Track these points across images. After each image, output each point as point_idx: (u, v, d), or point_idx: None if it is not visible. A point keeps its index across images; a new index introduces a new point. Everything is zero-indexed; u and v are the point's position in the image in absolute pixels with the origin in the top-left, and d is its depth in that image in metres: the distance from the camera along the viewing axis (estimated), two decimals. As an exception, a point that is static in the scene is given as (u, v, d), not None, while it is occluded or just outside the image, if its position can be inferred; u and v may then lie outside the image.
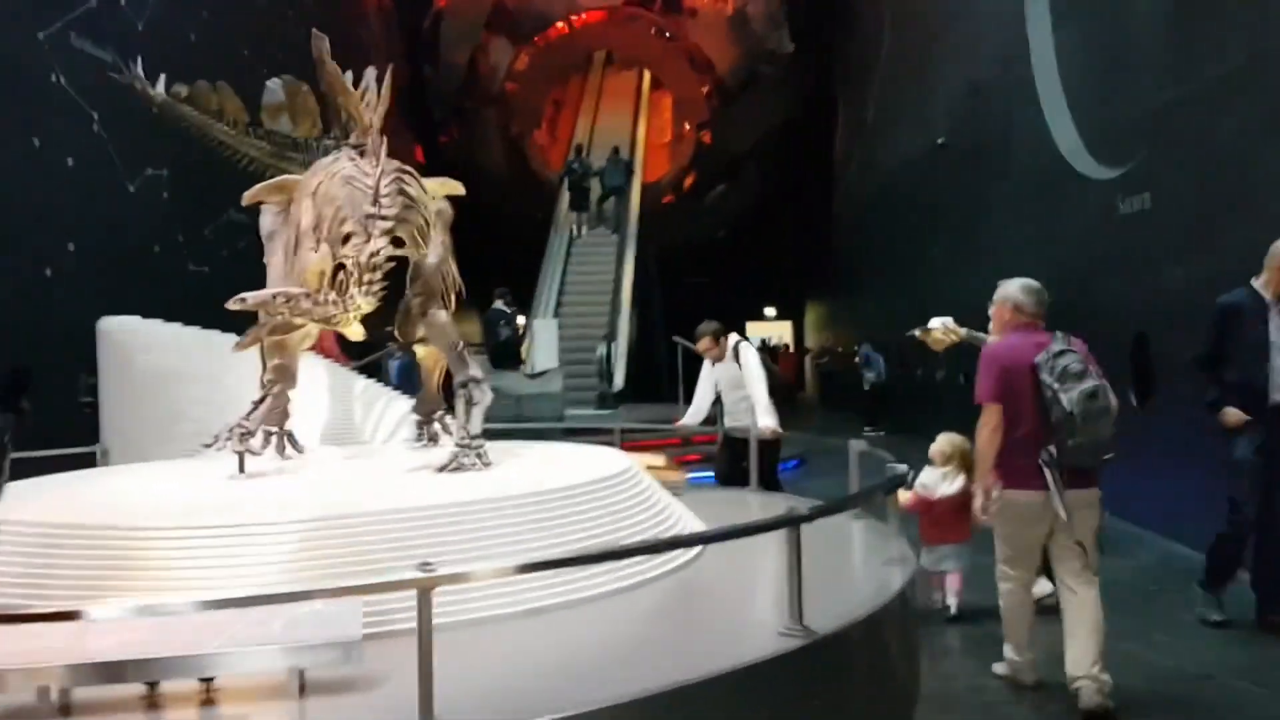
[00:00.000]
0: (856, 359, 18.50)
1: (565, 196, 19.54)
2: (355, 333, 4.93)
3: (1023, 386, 4.13)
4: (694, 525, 4.61)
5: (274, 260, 5.06)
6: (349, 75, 4.40)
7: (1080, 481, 4.16)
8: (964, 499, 5.27)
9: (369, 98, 4.62)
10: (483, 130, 24.60)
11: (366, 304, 4.16)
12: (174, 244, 11.97)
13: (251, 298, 3.53)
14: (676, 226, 25.11)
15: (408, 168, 5.07)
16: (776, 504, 6.05)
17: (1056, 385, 3.99)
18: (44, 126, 9.80)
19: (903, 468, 4.28)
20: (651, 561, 3.89)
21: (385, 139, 4.51)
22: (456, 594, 3.03)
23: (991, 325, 4.68)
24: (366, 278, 4.18)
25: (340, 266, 4.34)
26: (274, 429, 5.12)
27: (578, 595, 3.43)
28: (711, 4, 24.13)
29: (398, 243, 5.17)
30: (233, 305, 3.49)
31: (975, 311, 5.69)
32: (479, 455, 4.40)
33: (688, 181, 26.83)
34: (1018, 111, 11.35)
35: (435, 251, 4.70)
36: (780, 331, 32.86)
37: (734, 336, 6.87)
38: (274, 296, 3.61)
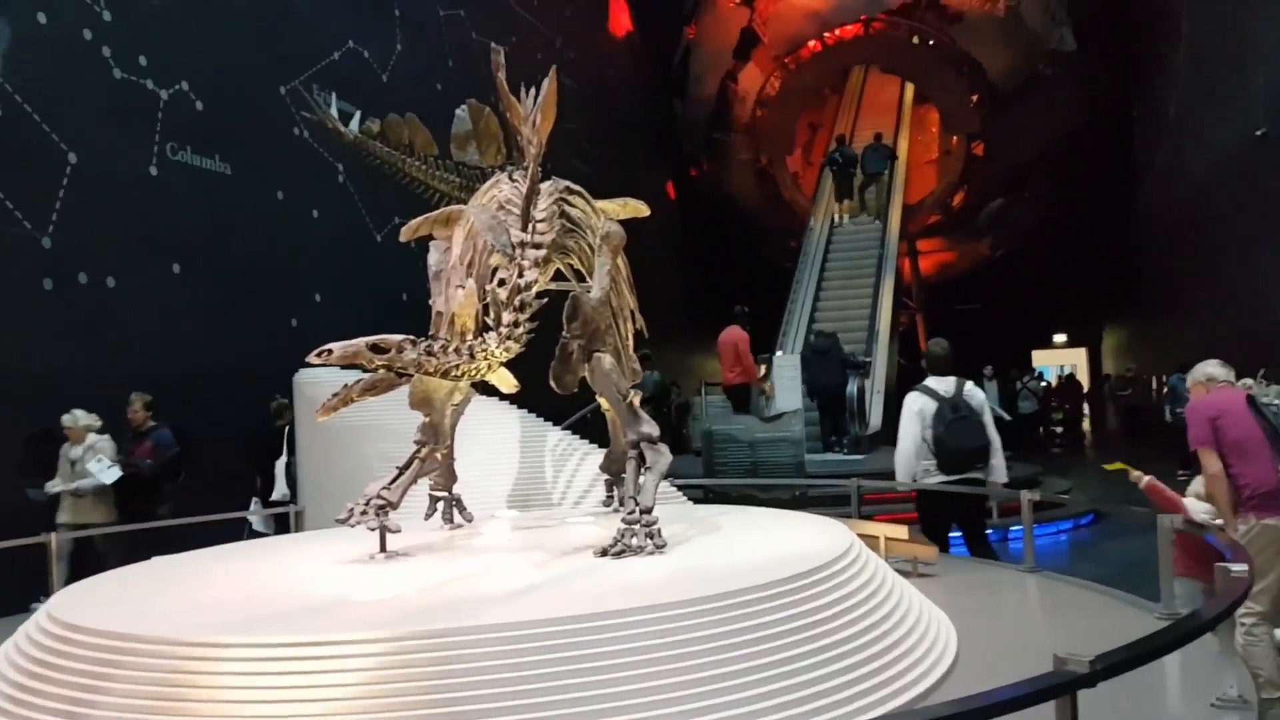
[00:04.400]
0: (1165, 389, 15.93)
1: (828, 185, 19.54)
2: (505, 383, 4.23)
3: (1242, 425, 4.37)
4: (943, 636, 3.47)
5: (438, 302, 4.50)
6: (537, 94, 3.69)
7: None
8: None
9: (531, 111, 3.89)
10: (734, 161, 23.89)
11: (503, 353, 3.40)
12: (423, 292, 12.06)
13: (339, 349, 2.85)
14: (945, 248, 23.14)
15: (576, 187, 4.33)
16: (1055, 593, 4.72)
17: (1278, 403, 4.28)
18: (289, 179, 10.08)
19: (1240, 569, 2.92)
20: (875, 689, 2.85)
21: (540, 153, 3.79)
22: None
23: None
24: (508, 319, 3.43)
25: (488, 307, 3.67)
26: (441, 494, 4.55)
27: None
28: (979, 5, 22.10)
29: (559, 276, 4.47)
30: (313, 360, 2.83)
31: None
32: (650, 535, 3.53)
33: (957, 199, 24.66)
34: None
35: (600, 283, 3.90)
36: (1073, 360, 29.66)
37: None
38: (367, 346, 2.91)
